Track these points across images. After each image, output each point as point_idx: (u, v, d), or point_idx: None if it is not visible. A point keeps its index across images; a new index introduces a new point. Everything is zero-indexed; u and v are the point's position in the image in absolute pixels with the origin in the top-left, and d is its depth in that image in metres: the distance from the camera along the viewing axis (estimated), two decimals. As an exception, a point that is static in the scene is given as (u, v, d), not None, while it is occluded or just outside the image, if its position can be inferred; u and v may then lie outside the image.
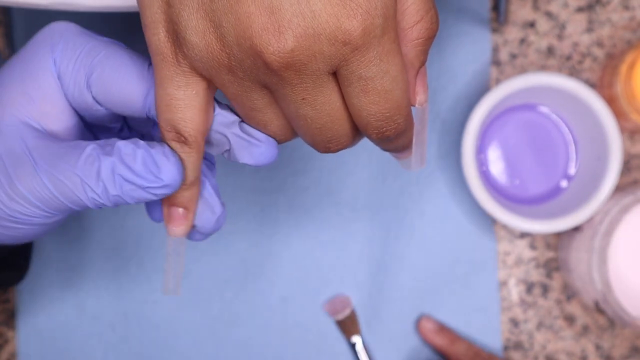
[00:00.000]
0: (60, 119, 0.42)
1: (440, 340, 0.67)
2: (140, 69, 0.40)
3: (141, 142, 0.40)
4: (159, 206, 0.44)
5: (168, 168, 0.39)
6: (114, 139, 0.40)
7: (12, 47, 0.67)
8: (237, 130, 0.40)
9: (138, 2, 0.37)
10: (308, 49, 0.34)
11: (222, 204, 0.43)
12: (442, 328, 0.68)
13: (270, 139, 0.41)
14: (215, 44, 0.35)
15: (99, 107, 0.41)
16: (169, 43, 0.36)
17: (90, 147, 0.40)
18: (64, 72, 0.41)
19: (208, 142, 0.41)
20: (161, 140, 0.40)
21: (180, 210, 0.42)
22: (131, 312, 0.68)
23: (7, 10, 0.67)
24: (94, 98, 0.41)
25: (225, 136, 0.40)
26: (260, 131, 0.40)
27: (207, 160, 0.43)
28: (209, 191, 0.42)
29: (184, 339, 0.68)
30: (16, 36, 0.68)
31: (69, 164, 0.39)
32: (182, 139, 0.39)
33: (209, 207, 0.42)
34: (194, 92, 0.38)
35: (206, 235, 0.43)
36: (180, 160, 0.40)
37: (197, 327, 0.68)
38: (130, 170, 0.39)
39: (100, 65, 0.40)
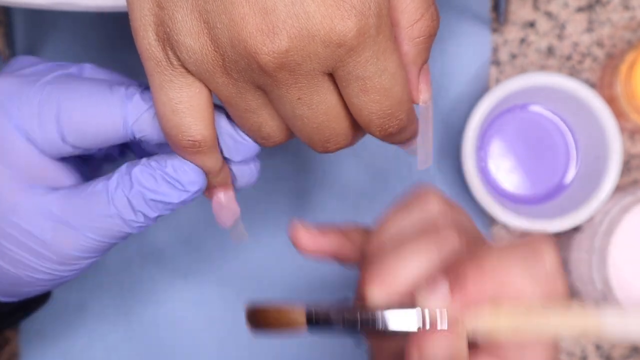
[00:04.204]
0: (57, 174, 0.42)
1: (327, 242, 0.45)
2: (105, 96, 0.40)
3: (153, 162, 0.40)
4: None
5: (190, 178, 0.40)
6: (126, 167, 0.40)
7: (12, 47, 0.67)
8: (227, 126, 0.40)
9: (127, 5, 0.37)
10: (302, 50, 0.34)
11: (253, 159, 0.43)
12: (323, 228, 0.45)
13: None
14: (209, 46, 0.35)
15: (77, 150, 0.41)
16: (160, 47, 0.36)
17: (112, 186, 0.40)
18: (33, 134, 0.40)
19: None
20: (171, 149, 0.40)
21: (220, 188, 0.42)
22: (133, 312, 0.68)
23: (7, 10, 0.67)
24: (72, 146, 0.40)
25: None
26: (254, 134, 0.40)
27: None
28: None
29: (186, 339, 0.68)
30: (16, 36, 0.68)
31: (103, 211, 0.40)
32: (197, 144, 0.38)
33: (244, 166, 0.43)
34: (197, 90, 0.37)
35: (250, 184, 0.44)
36: (197, 164, 0.40)
37: (199, 328, 0.68)
38: (157, 193, 0.40)
39: (66, 113, 0.39)
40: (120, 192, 0.40)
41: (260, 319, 0.39)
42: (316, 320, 0.37)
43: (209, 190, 0.42)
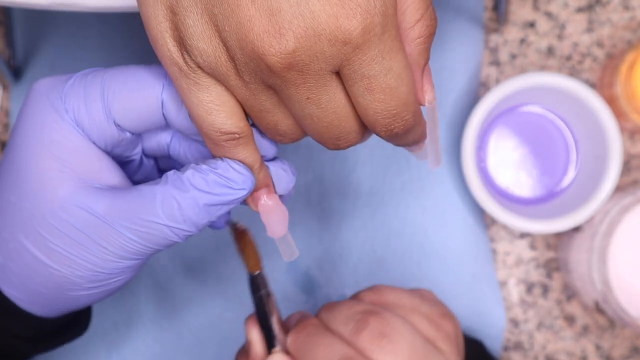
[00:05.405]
0: (103, 168, 0.41)
1: None
2: (145, 73, 0.40)
3: (203, 166, 0.40)
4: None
5: (242, 177, 0.40)
6: (174, 173, 0.40)
7: (12, 47, 0.67)
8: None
9: (142, 14, 0.37)
10: (309, 49, 0.34)
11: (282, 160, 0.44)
12: None
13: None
14: (222, 49, 0.36)
15: (123, 133, 0.41)
16: (179, 52, 0.36)
17: (159, 190, 0.40)
18: (79, 117, 0.40)
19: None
20: (208, 147, 0.40)
21: (263, 189, 0.42)
22: (134, 312, 0.68)
23: (7, 10, 0.67)
24: (116, 124, 0.41)
25: None
26: (271, 132, 0.40)
27: None
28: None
29: (187, 338, 0.68)
30: (16, 36, 0.68)
31: (148, 215, 0.40)
32: (236, 136, 0.39)
33: (279, 169, 0.43)
34: (222, 87, 0.38)
35: (290, 191, 0.45)
36: (240, 159, 0.40)
37: (200, 326, 0.68)
38: (212, 195, 0.40)
39: (109, 89, 0.40)
40: (170, 197, 0.40)
41: (238, 235, 0.48)
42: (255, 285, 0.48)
43: (252, 196, 0.43)
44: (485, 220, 0.69)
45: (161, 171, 0.47)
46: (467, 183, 0.63)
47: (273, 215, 0.43)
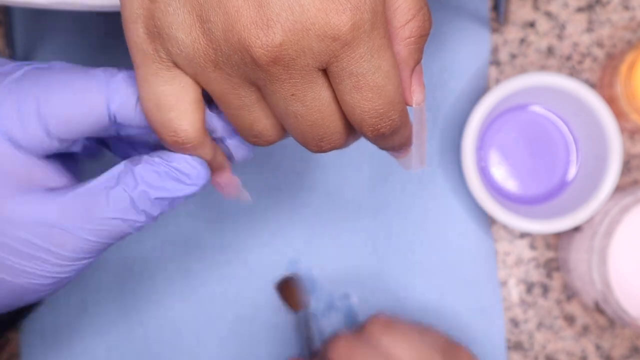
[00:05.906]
0: (46, 175, 0.40)
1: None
2: (83, 80, 0.39)
3: (156, 158, 0.39)
4: None
5: (196, 172, 0.40)
6: (125, 166, 0.39)
7: (12, 47, 0.67)
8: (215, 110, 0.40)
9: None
10: (296, 44, 0.34)
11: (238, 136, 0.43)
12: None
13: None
14: (201, 40, 0.35)
15: (65, 141, 0.40)
16: (148, 40, 0.36)
17: (112, 186, 0.39)
18: (14, 133, 0.39)
19: None
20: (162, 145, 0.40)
21: (216, 173, 0.42)
22: (133, 311, 0.68)
23: (7, 10, 0.68)
24: (59, 140, 0.39)
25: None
26: (246, 132, 0.39)
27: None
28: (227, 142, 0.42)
29: (187, 338, 0.68)
30: (16, 36, 0.68)
31: (102, 213, 0.39)
32: (180, 141, 0.38)
33: (239, 142, 0.42)
34: (181, 85, 0.37)
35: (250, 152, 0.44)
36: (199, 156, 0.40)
37: (200, 326, 0.68)
38: (164, 190, 0.39)
39: (46, 105, 0.39)
40: (121, 191, 0.39)
41: (284, 287, 0.54)
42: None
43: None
44: (487, 220, 0.68)
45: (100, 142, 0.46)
46: (467, 183, 0.63)
47: (226, 189, 0.43)
